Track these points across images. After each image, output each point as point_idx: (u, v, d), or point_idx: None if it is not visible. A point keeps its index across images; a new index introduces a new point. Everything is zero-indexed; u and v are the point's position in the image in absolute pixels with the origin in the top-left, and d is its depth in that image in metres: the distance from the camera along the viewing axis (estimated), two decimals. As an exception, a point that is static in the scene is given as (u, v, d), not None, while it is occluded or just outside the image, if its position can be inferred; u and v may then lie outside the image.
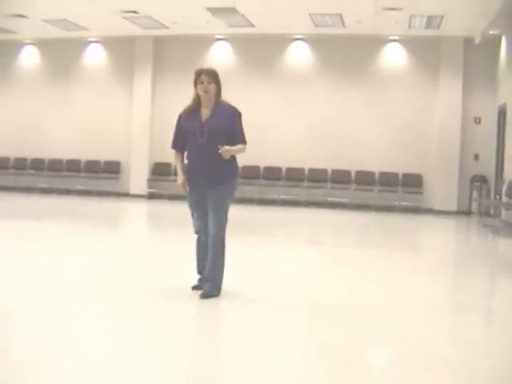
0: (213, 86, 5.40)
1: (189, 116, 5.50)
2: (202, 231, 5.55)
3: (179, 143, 5.59)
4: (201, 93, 5.40)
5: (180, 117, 5.58)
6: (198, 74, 5.44)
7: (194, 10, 14.57)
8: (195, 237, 5.70)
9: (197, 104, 5.49)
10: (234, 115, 5.44)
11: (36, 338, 4.26)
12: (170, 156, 18.96)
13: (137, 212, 15.85)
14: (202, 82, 5.38)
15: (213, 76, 5.40)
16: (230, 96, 5.57)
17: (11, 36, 17.77)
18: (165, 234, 10.86)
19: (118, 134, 17.88)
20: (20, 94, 18.69)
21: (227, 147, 5.24)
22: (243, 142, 5.45)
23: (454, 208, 15.92)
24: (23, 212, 13.60)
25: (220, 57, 16.88)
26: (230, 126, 5.40)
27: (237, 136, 5.42)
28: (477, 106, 16.01)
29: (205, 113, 5.45)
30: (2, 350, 4.01)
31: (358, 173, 16.38)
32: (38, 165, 18.33)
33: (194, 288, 5.63)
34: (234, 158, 5.47)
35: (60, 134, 18.19)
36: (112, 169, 17.87)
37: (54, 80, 18.46)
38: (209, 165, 5.39)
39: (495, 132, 15.23)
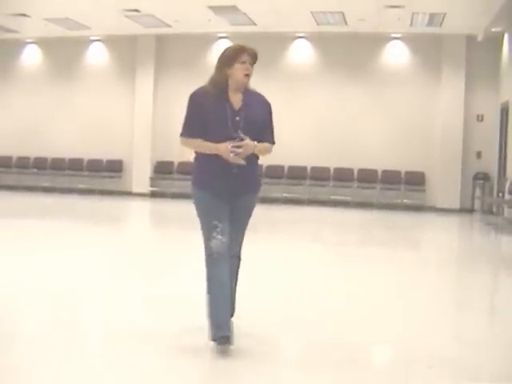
0: (251, 71, 4.23)
1: (215, 100, 4.14)
2: (225, 249, 4.09)
3: (199, 130, 4.15)
4: (239, 75, 4.14)
5: (197, 98, 4.17)
6: (241, 50, 4.16)
7: (196, 8, 14.57)
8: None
9: (223, 87, 4.18)
10: (269, 107, 4.31)
11: (36, 339, 4.22)
12: (173, 153, 18.76)
13: (140, 211, 15.87)
14: (244, 62, 4.15)
15: (255, 58, 4.23)
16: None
17: (13, 35, 17.78)
18: (169, 233, 10.86)
19: (120, 133, 17.89)
20: (22, 93, 18.71)
21: (252, 142, 4.08)
22: (272, 142, 4.32)
23: (457, 206, 15.91)
24: (25, 211, 13.61)
25: (222, 55, 16.82)
26: (264, 120, 4.25)
27: (267, 133, 4.28)
28: (479, 103, 15.99)
29: (235, 99, 4.18)
30: (3, 350, 4.01)
31: (361, 171, 16.38)
32: (40, 164, 18.35)
33: (222, 342, 3.97)
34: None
35: (62, 133, 18.19)
36: (114, 167, 17.88)
37: (57, 79, 18.47)
38: (240, 167, 4.11)
39: (498, 129, 15.22)
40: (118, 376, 3.61)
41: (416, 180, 16.12)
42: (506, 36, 14.68)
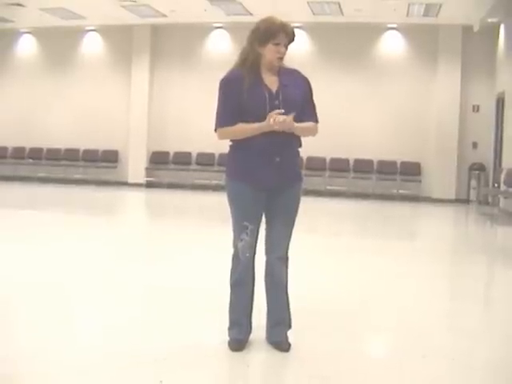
0: (285, 52, 3.83)
1: (251, 85, 3.72)
2: (252, 251, 3.88)
3: (237, 116, 3.71)
4: (271, 58, 3.76)
5: (231, 84, 3.75)
6: (277, 30, 3.77)
7: (192, -2, 14.56)
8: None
9: (257, 67, 3.78)
10: (308, 84, 3.92)
11: (30, 337, 4.17)
12: (170, 144, 18.74)
13: (136, 201, 15.85)
14: (278, 44, 3.76)
15: (293, 37, 3.85)
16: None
17: (8, 25, 17.70)
18: (166, 223, 10.86)
19: (115, 123, 17.86)
20: (17, 83, 18.66)
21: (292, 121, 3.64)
22: (315, 121, 3.92)
23: (453, 196, 15.94)
24: (21, 201, 13.59)
25: (218, 45, 16.82)
26: (304, 99, 3.85)
27: (309, 112, 3.87)
28: (475, 94, 16.00)
29: (270, 80, 3.79)
30: (2, 340, 4.01)
31: (357, 161, 16.39)
32: (36, 154, 18.32)
33: (237, 349, 3.82)
34: None
35: (58, 123, 18.16)
36: (110, 158, 17.86)
37: (52, 69, 18.41)
38: (284, 155, 3.77)
39: (493, 120, 15.23)
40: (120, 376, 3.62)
41: (412, 170, 16.13)
42: (502, 27, 14.66)
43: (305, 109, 3.83)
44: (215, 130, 3.79)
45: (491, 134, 15.35)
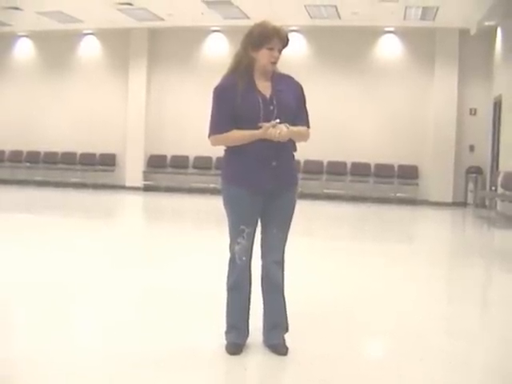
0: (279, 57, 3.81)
1: (244, 92, 3.71)
2: (248, 254, 3.86)
3: (231, 123, 3.71)
4: (265, 62, 3.75)
5: (225, 92, 3.74)
6: (271, 34, 3.71)
7: (189, 1, 14.57)
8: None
9: (250, 72, 3.78)
10: (301, 89, 3.93)
11: (28, 337, 4.19)
12: (167, 148, 18.72)
13: (133, 204, 15.84)
14: (272, 49, 3.73)
15: (286, 42, 3.80)
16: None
17: (6, 28, 17.70)
18: (163, 226, 10.85)
19: (113, 127, 17.86)
20: (14, 86, 18.65)
21: (286, 126, 3.65)
22: (307, 126, 3.94)
23: (450, 199, 15.95)
24: (19, 205, 13.57)
25: (215, 49, 16.82)
26: (297, 104, 3.86)
27: (301, 117, 3.89)
28: (472, 97, 16.02)
29: (264, 86, 3.79)
30: (1, 342, 4.00)
31: (354, 164, 16.40)
32: (33, 158, 18.31)
33: (234, 352, 3.82)
34: None
35: (55, 127, 18.15)
36: (107, 161, 17.85)
37: (49, 72, 18.41)
38: (280, 159, 3.77)
39: (491, 123, 15.25)
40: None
41: (409, 173, 16.15)
42: (498, 30, 14.70)
43: (297, 114, 3.84)
44: (209, 137, 3.79)
45: (488, 137, 15.37)
